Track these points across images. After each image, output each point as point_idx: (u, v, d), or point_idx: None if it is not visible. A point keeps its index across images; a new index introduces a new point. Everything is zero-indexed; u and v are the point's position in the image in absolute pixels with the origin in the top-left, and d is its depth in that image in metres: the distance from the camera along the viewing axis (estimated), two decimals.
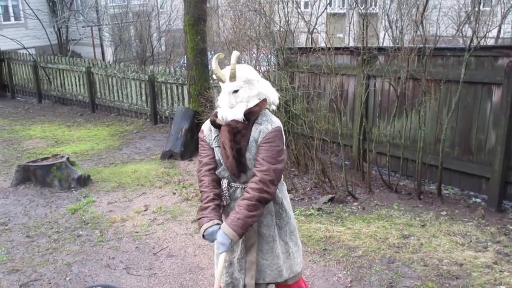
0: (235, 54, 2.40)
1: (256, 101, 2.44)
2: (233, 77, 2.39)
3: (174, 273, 4.00)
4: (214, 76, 2.48)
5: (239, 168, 2.45)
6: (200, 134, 2.60)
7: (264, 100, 2.47)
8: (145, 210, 5.34)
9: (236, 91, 2.41)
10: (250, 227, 2.40)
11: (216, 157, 2.52)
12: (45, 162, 6.21)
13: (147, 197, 5.74)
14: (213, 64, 2.44)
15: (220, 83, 2.47)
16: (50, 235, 4.77)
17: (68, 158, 6.27)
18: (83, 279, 3.94)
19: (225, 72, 2.43)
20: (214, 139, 2.51)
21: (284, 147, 2.47)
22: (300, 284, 2.73)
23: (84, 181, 6.16)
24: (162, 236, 4.69)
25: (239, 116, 2.40)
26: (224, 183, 2.53)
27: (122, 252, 4.39)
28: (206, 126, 2.57)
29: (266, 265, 2.56)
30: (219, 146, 2.48)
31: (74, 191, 5.96)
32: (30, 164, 6.22)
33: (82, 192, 5.93)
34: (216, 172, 2.55)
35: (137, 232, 4.81)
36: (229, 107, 2.43)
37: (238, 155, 2.42)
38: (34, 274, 4.03)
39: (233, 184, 2.53)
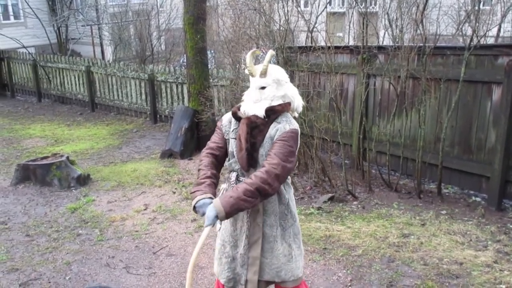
0: (270, 52, 2.49)
1: (280, 102, 2.48)
2: (264, 74, 2.43)
3: (174, 272, 3.99)
4: (246, 71, 2.53)
5: (250, 162, 2.47)
6: (218, 122, 2.64)
7: (288, 104, 2.51)
8: (145, 209, 5.33)
9: (263, 88, 2.46)
10: (239, 211, 2.36)
11: (230, 149, 2.56)
12: (44, 161, 6.20)
13: (147, 196, 5.73)
14: (248, 58, 2.49)
15: (250, 78, 2.51)
16: (50, 234, 4.77)
17: (67, 157, 6.26)
18: (83, 278, 3.94)
19: (258, 68, 2.48)
20: (233, 131, 2.54)
21: (296, 151, 2.47)
22: None
23: (83, 180, 6.16)
24: (162, 235, 4.68)
25: (260, 112, 2.44)
26: (233, 176, 2.55)
27: (122, 251, 4.39)
28: (227, 117, 2.61)
29: (265, 263, 2.56)
30: (235, 138, 2.51)
31: (73, 190, 5.96)
32: (30, 163, 6.21)
33: (82, 191, 5.93)
34: (227, 164, 2.59)
35: (136, 231, 4.80)
36: (253, 102, 2.47)
37: (252, 149, 2.45)
38: (33, 273, 4.03)
39: (241, 178, 2.53)
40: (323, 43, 5.97)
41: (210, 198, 2.41)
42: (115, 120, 10.06)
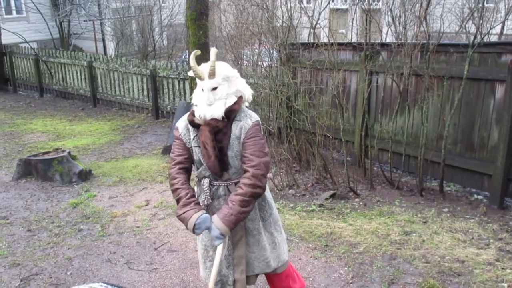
0: (214, 50, 2.40)
1: (234, 99, 2.44)
2: (212, 74, 2.37)
3: (175, 268, 4.00)
4: (190, 73, 2.44)
5: (222, 166, 2.45)
6: (175, 132, 2.56)
7: (241, 97, 2.49)
8: (146, 205, 5.34)
9: (215, 89, 2.40)
10: (241, 221, 2.42)
11: (196, 157, 2.51)
12: (46, 156, 6.21)
13: (148, 192, 5.73)
14: (191, 61, 2.41)
15: (198, 81, 2.44)
16: (51, 229, 4.77)
17: (69, 152, 6.27)
18: (84, 274, 3.94)
19: (204, 69, 2.40)
20: (193, 139, 2.49)
21: (264, 139, 2.49)
22: (289, 271, 2.78)
23: (85, 175, 6.16)
24: (163, 231, 4.68)
25: (219, 114, 2.38)
26: (206, 182, 2.52)
27: (123, 247, 4.39)
28: (182, 125, 2.54)
29: (253, 257, 2.59)
30: (198, 146, 2.46)
31: (75, 186, 5.96)
32: (32, 158, 6.22)
33: (83, 186, 5.93)
34: (196, 172, 2.55)
35: (138, 226, 4.80)
36: (207, 105, 2.40)
37: (221, 154, 2.42)
38: (35, 268, 4.03)
39: (214, 182, 2.52)
40: (325, 40, 5.95)
41: (206, 213, 2.43)
42: (117, 116, 10.06)
